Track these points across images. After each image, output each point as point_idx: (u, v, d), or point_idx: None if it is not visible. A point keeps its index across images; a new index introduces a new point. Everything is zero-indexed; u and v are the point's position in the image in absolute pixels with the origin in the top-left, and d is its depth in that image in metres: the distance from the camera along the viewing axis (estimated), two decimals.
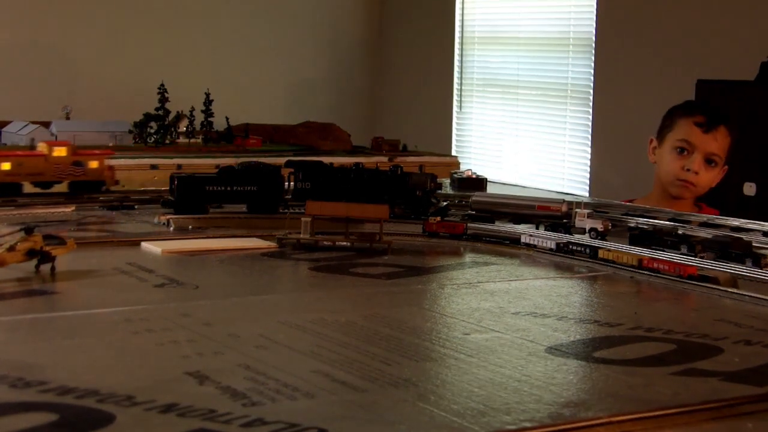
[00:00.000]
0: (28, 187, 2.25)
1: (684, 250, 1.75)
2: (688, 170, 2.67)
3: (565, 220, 1.98)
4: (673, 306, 1.55)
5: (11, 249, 1.50)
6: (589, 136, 5.60)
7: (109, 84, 6.00)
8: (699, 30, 4.98)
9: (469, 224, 2.05)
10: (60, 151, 2.25)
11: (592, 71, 5.59)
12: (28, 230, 1.53)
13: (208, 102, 4.21)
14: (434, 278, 1.69)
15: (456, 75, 6.60)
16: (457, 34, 6.59)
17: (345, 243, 1.87)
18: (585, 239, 1.87)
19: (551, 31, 5.93)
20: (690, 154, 2.68)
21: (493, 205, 2.13)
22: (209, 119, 4.23)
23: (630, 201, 2.80)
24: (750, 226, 2.00)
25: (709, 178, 2.67)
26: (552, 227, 1.99)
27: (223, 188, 2.11)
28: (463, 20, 6.58)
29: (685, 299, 1.57)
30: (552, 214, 2.00)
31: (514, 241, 1.96)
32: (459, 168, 4.05)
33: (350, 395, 1.00)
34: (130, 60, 6.09)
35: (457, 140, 6.64)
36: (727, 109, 2.76)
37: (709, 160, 2.66)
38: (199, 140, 4.20)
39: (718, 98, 4.23)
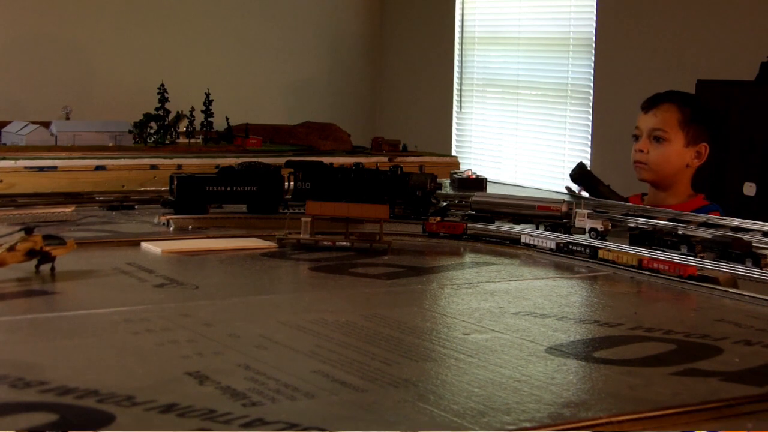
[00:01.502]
0: None
1: (684, 250, 1.75)
2: (636, 151, 2.79)
3: (565, 220, 1.98)
4: (673, 306, 1.55)
5: (11, 249, 1.50)
6: (589, 136, 5.60)
7: (109, 84, 6.00)
8: (699, 30, 4.98)
9: (469, 224, 2.05)
10: None
11: (592, 71, 5.59)
12: (28, 230, 1.53)
13: (208, 102, 4.21)
14: (434, 278, 1.69)
15: (456, 75, 6.60)
16: (457, 34, 6.59)
17: (345, 243, 1.87)
18: (585, 239, 1.87)
19: (551, 31, 5.93)
20: (639, 138, 2.79)
21: (493, 205, 2.13)
22: (209, 119, 4.23)
23: (642, 195, 2.85)
24: (750, 226, 2.00)
25: (658, 153, 2.74)
26: (552, 227, 1.99)
27: (223, 188, 2.11)
28: (463, 20, 6.58)
29: (685, 299, 1.57)
30: (552, 214, 2.00)
31: (514, 241, 1.96)
32: (459, 168, 4.05)
33: (350, 395, 1.00)
34: (130, 60, 6.09)
35: (457, 140, 6.64)
36: (678, 92, 2.82)
37: (655, 138, 2.75)
38: (199, 140, 4.20)
39: (718, 98, 4.23)
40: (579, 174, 2.96)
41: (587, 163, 5.56)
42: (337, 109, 6.62)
